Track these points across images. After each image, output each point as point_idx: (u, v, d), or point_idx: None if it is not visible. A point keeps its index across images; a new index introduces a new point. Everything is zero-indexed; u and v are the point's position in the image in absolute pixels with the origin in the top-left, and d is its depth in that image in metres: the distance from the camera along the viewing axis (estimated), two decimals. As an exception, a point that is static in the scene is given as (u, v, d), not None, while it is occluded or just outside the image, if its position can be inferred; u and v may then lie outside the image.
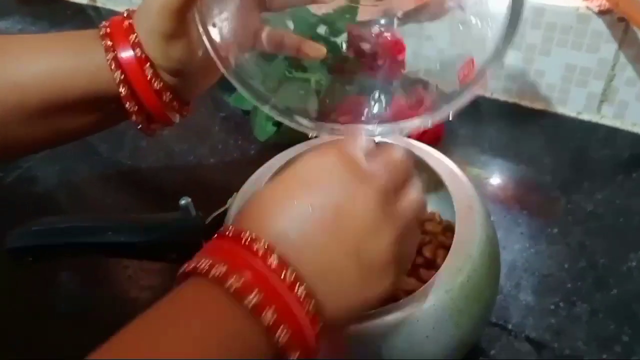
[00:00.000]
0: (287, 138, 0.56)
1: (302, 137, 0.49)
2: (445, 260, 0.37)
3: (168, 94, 0.38)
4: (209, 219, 0.43)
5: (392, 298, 0.39)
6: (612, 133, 0.62)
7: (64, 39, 0.38)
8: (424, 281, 0.41)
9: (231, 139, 0.63)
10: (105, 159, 0.63)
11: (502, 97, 0.68)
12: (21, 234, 0.41)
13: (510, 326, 0.45)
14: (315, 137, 0.39)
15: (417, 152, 0.45)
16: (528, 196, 0.56)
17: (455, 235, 0.39)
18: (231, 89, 0.65)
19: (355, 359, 0.35)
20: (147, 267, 0.50)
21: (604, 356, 0.43)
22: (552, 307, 0.46)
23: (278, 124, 0.61)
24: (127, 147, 0.63)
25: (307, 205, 0.29)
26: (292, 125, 0.36)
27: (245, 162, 0.60)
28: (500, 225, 0.53)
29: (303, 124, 0.36)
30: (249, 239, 0.27)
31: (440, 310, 0.36)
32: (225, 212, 0.44)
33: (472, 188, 0.42)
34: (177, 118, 0.41)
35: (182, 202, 0.40)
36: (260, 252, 0.26)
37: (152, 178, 0.59)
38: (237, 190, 0.44)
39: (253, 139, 0.62)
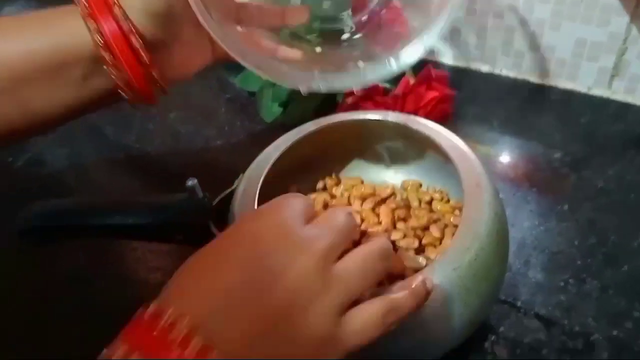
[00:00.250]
0: (294, 119, 0.56)
1: (308, 118, 0.49)
2: (453, 239, 0.37)
3: (149, 64, 0.37)
4: (216, 200, 0.43)
5: (400, 275, 0.39)
6: (624, 108, 0.62)
7: (40, 14, 0.38)
8: (432, 261, 0.41)
9: (237, 120, 0.63)
10: (113, 141, 0.63)
11: (511, 74, 0.68)
12: (30, 216, 0.41)
13: (519, 303, 0.45)
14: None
15: (424, 130, 0.44)
16: (537, 173, 0.55)
17: (463, 213, 0.38)
18: (237, 71, 0.65)
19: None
20: (156, 248, 0.50)
21: (614, 332, 0.42)
22: (562, 284, 0.46)
23: (284, 105, 0.61)
24: (134, 130, 0.63)
25: (238, 277, 0.27)
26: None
27: (252, 143, 0.59)
28: (509, 202, 0.52)
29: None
30: (169, 322, 0.24)
31: (447, 289, 0.35)
32: (231, 193, 0.43)
33: (480, 166, 0.42)
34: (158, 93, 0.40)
35: (189, 183, 0.40)
36: (180, 337, 0.24)
37: (159, 160, 0.59)
38: (244, 171, 0.44)
39: (259, 120, 0.62)
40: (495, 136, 0.60)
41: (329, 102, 0.58)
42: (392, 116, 0.47)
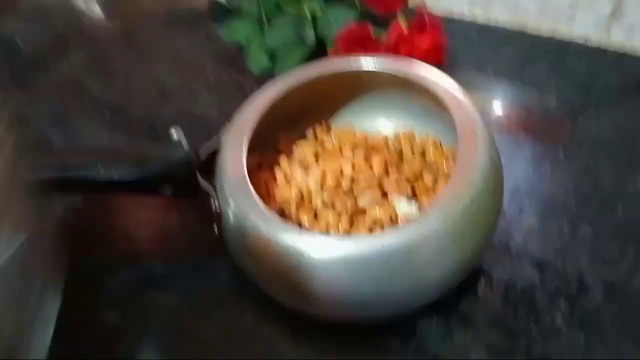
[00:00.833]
0: (283, 70, 0.55)
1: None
2: (448, 184, 0.36)
3: None
4: (202, 148, 0.42)
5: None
6: (621, 57, 0.60)
7: None
8: (424, 206, 0.41)
9: (225, 72, 0.61)
10: (97, 98, 0.61)
11: (508, 24, 0.66)
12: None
13: (512, 248, 0.44)
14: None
15: (420, 72, 0.43)
16: (533, 121, 0.54)
17: (457, 159, 0.38)
18: (225, 21, 0.63)
19: (355, 284, 0.35)
20: (144, 201, 0.49)
21: (608, 276, 0.42)
22: (556, 229, 0.45)
23: (272, 56, 0.59)
24: (118, 85, 0.61)
25: None
26: None
27: (240, 96, 0.57)
28: (504, 150, 0.50)
29: None
30: None
31: (442, 236, 0.35)
32: (218, 143, 0.42)
33: (475, 112, 0.41)
34: None
35: (173, 132, 0.39)
36: None
37: (146, 115, 0.57)
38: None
39: (247, 72, 0.60)
40: (489, 84, 0.58)
41: (318, 53, 0.57)
42: (386, 61, 0.45)
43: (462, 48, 0.62)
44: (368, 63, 0.46)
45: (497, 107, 0.56)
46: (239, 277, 0.40)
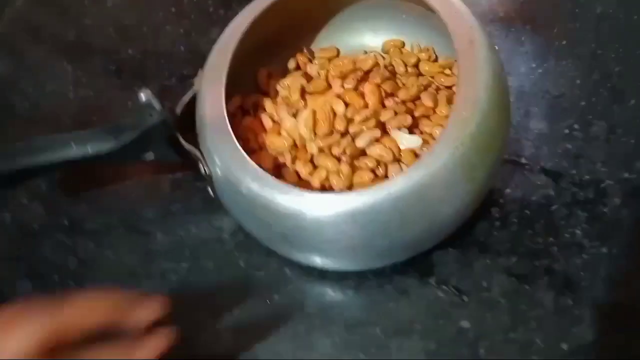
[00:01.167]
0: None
1: None
2: (451, 110, 0.33)
3: None
4: (178, 107, 0.38)
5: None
6: None
7: None
8: (428, 135, 0.38)
9: (184, -3, 0.54)
10: (53, 40, 0.55)
11: None
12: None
13: (523, 159, 0.42)
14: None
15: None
16: (529, 5, 0.49)
17: (457, 78, 0.34)
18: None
19: (365, 236, 0.33)
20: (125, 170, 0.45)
21: (625, 175, 0.40)
22: (567, 131, 0.43)
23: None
24: (72, 26, 0.55)
25: None
26: None
27: (207, 22, 0.52)
28: (502, 46, 0.47)
29: None
30: None
31: (451, 170, 0.32)
32: (194, 97, 0.38)
33: (471, 17, 0.36)
34: None
35: (142, 96, 0.34)
36: None
37: (107, 59, 0.52)
38: (202, 63, 0.39)
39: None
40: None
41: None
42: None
43: None
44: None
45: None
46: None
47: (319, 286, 0.40)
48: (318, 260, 0.36)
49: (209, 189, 0.38)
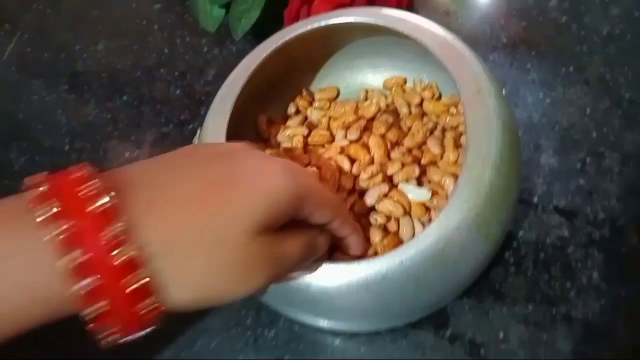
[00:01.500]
0: (241, 20, 0.47)
1: (257, 18, 0.40)
2: (462, 170, 0.32)
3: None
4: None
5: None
6: None
7: None
8: (437, 184, 0.36)
9: (176, 36, 0.53)
10: (42, 85, 0.53)
11: None
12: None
13: (535, 198, 0.41)
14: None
15: (407, 29, 0.36)
16: (533, 30, 0.48)
17: (466, 133, 0.32)
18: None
19: (375, 303, 0.32)
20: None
21: (641, 209, 0.39)
22: (579, 165, 0.41)
23: (226, 6, 0.51)
24: (63, 73, 0.53)
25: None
26: None
27: (202, 63, 0.51)
28: (508, 75, 0.46)
29: None
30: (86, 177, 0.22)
31: (465, 231, 0.31)
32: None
33: (477, 62, 0.34)
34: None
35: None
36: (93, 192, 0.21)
37: (101, 108, 0.50)
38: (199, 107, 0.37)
39: (202, 31, 0.52)
40: (478, -7, 0.51)
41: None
42: (360, 15, 0.38)
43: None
44: (343, 19, 0.38)
45: (492, 21, 0.49)
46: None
47: (330, 343, 0.39)
48: (327, 324, 0.35)
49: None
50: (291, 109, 0.42)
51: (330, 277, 0.31)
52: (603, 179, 0.40)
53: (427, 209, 0.36)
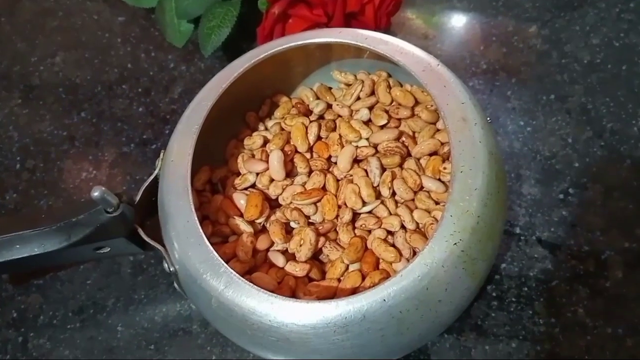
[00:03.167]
0: (210, 36, 0.45)
1: (226, 35, 0.37)
2: (448, 203, 0.29)
3: None
4: (138, 196, 0.33)
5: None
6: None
7: None
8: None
9: (140, 51, 0.49)
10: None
11: None
12: None
13: (517, 229, 0.39)
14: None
15: (386, 50, 0.34)
16: (514, 57, 0.46)
17: (451, 163, 0.30)
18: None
19: (353, 345, 0.29)
20: (82, 267, 0.41)
21: (626, 244, 0.38)
22: (561, 196, 0.40)
23: (195, 21, 0.48)
24: (15, 86, 0.49)
25: None
26: None
27: (167, 80, 0.48)
28: (488, 102, 0.44)
29: None
30: None
31: (451, 269, 0.29)
32: (156, 180, 0.34)
33: (463, 90, 0.33)
34: None
35: (96, 194, 0.30)
36: None
37: (57, 124, 0.47)
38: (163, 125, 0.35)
39: (168, 46, 0.49)
40: (457, 17, 0.49)
41: (250, 13, 0.46)
42: (339, 36, 0.36)
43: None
44: (322, 37, 0.36)
45: (472, 47, 0.47)
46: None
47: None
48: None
49: (175, 285, 0.33)
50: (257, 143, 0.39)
51: (306, 315, 0.28)
52: (586, 211, 0.39)
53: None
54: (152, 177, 0.34)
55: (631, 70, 0.44)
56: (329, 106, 0.39)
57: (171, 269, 0.32)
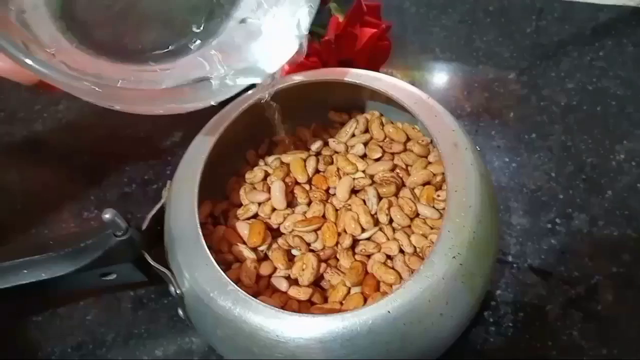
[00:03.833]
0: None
1: None
2: (445, 219, 0.31)
3: None
4: (145, 222, 0.34)
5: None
6: (569, 8, 0.56)
7: None
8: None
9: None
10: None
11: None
12: None
13: (510, 257, 0.40)
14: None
15: (380, 86, 0.37)
16: (495, 101, 0.50)
17: (447, 185, 0.32)
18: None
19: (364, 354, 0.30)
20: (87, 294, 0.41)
21: (614, 269, 0.39)
22: (549, 225, 0.42)
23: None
24: (19, 131, 0.51)
25: None
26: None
27: (170, 123, 0.49)
28: (474, 141, 0.46)
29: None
30: None
31: (451, 282, 0.30)
32: (162, 209, 0.35)
33: (452, 120, 0.36)
34: None
35: (107, 216, 0.31)
36: None
37: (60, 166, 0.48)
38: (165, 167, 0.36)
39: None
40: (441, 66, 0.53)
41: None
42: (335, 75, 0.39)
43: (401, 24, 0.56)
44: (319, 76, 0.39)
45: (455, 92, 0.51)
46: None
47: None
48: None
49: (179, 311, 0.34)
50: (258, 177, 0.41)
51: (311, 329, 0.29)
52: (574, 239, 0.41)
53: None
54: (159, 206, 0.35)
55: (606, 110, 0.47)
56: (326, 143, 0.42)
57: (177, 292, 0.32)
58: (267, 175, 0.40)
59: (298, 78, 0.39)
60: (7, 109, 0.52)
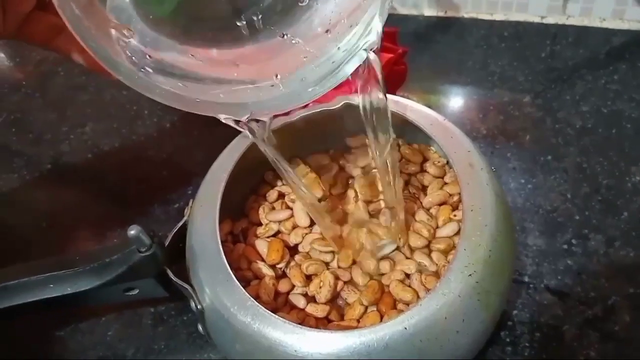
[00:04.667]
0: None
1: None
2: (461, 238, 0.32)
3: None
4: (168, 239, 0.35)
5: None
6: (583, 33, 0.57)
7: None
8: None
9: (166, 121, 0.53)
10: (25, 164, 0.52)
11: (456, 13, 0.61)
12: None
13: (526, 278, 0.41)
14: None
15: (396, 108, 0.38)
16: (511, 123, 0.50)
17: (463, 204, 0.33)
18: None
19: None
20: (109, 313, 0.42)
21: (631, 289, 0.39)
22: (565, 246, 0.42)
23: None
24: (46, 152, 0.53)
25: None
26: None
27: (192, 145, 0.51)
28: (490, 163, 0.47)
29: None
30: None
31: (467, 300, 0.30)
32: (184, 226, 0.36)
33: (468, 141, 0.36)
34: None
35: (132, 232, 0.32)
36: None
37: (85, 187, 0.50)
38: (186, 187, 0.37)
39: (191, 116, 0.53)
40: (456, 90, 0.54)
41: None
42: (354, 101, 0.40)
43: (415, 49, 0.57)
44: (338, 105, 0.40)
45: (470, 115, 0.52)
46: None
47: None
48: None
49: (199, 326, 0.34)
50: (272, 197, 0.42)
51: (328, 345, 0.29)
52: (590, 260, 0.41)
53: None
54: (181, 223, 0.36)
55: (621, 133, 0.48)
56: (341, 169, 0.42)
57: (198, 307, 0.33)
58: (284, 195, 0.41)
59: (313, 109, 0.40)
60: (34, 130, 0.54)
